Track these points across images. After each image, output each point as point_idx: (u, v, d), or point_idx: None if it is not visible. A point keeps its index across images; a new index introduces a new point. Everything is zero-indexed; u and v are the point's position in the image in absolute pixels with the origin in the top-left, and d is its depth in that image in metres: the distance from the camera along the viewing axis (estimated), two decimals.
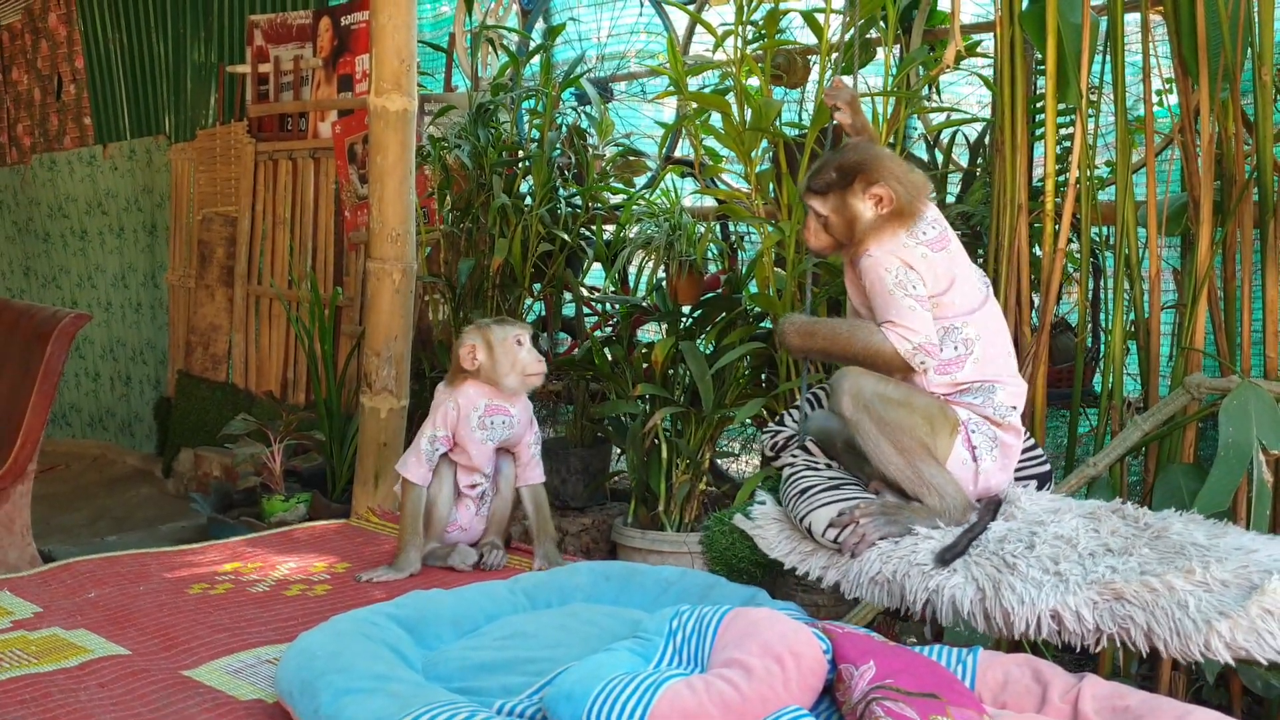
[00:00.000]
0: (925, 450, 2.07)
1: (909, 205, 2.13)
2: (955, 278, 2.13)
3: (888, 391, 2.08)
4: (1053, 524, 1.99)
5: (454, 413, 2.68)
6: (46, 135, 7.20)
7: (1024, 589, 1.82)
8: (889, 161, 2.18)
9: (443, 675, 1.86)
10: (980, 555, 1.94)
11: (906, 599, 1.95)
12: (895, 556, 1.99)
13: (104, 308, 6.84)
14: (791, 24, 3.53)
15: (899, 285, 2.10)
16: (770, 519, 2.27)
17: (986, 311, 2.16)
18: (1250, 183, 2.50)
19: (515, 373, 2.68)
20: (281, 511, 3.93)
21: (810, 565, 2.13)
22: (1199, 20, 2.50)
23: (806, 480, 2.22)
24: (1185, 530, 1.92)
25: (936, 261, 2.12)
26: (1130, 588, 1.73)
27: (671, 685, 1.51)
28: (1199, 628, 1.65)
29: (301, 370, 5.18)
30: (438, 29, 5.11)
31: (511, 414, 2.72)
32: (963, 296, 2.13)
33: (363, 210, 4.66)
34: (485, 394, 2.69)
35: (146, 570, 2.62)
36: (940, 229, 2.16)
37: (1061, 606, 1.77)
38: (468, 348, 2.68)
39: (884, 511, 2.06)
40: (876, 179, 2.13)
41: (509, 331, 2.69)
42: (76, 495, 5.70)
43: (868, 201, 2.14)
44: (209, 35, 5.98)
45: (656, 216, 3.59)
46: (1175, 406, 2.44)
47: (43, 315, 3.53)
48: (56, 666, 1.97)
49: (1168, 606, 1.69)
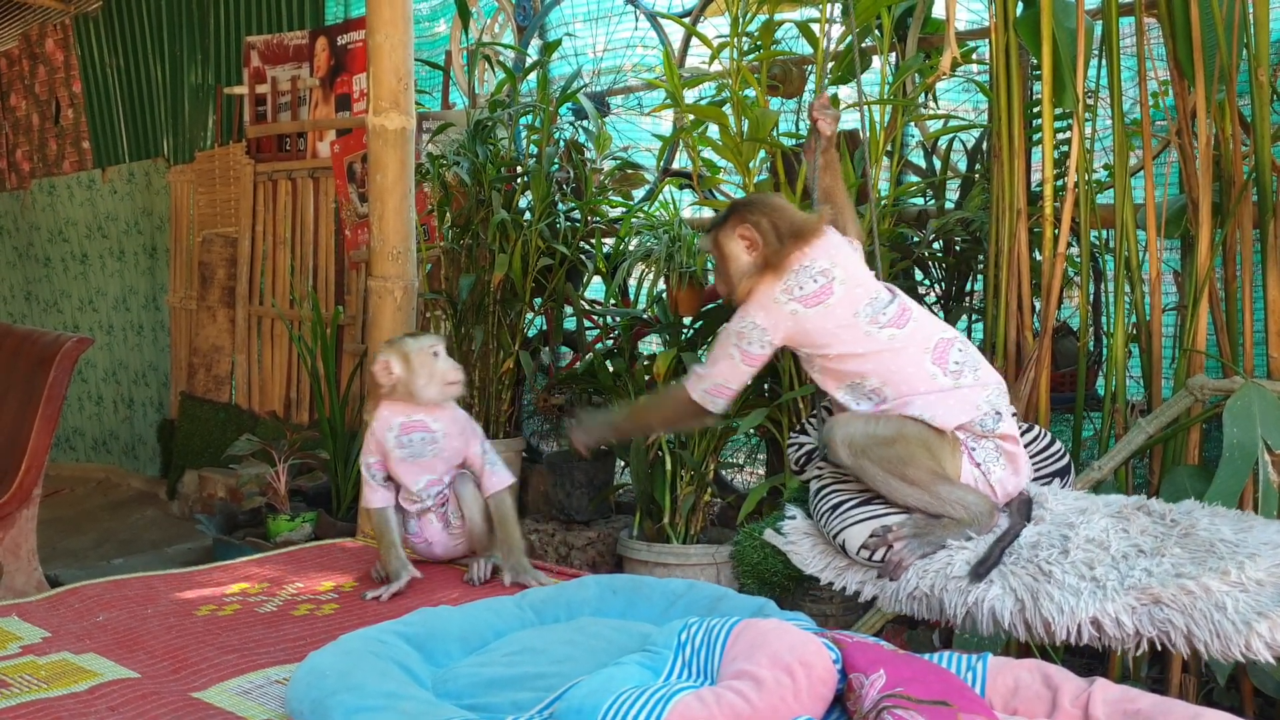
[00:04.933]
0: (935, 475, 2.07)
1: (776, 255, 2.16)
2: (832, 331, 2.14)
3: (879, 431, 2.09)
4: (1083, 526, 2.00)
5: (372, 436, 2.71)
6: (45, 160, 7.22)
7: (1062, 597, 1.83)
8: (773, 209, 2.21)
9: (452, 692, 1.86)
10: (1015, 564, 1.95)
11: (946, 613, 1.97)
12: (931, 571, 2.01)
13: (106, 331, 6.84)
14: (787, 34, 3.54)
15: (738, 334, 2.19)
16: (801, 534, 2.27)
17: (881, 351, 2.13)
18: (1249, 183, 2.50)
19: (435, 383, 2.68)
20: (287, 531, 3.93)
21: (846, 580, 2.14)
22: (1194, 22, 2.51)
23: (837, 495, 2.21)
24: (1212, 525, 1.93)
25: (808, 318, 2.14)
26: (1168, 591, 1.75)
27: (682, 698, 1.51)
28: (1239, 629, 1.67)
29: (305, 389, 5.19)
30: (434, 47, 5.13)
31: (433, 429, 2.71)
32: (842, 346, 2.14)
33: (363, 229, 4.67)
34: (400, 411, 2.70)
35: (154, 593, 2.62)
36: (823, 282, 2.15)
37: (1101, 614, 1.78)
38: (382, 364, 2.68)
39: (917, 532, 2.06)
40: (746, 219, 2.18)
41: (424, 343, 2.70)
42: (82, 519, 5.69)
43: (739, 243, 2.20)
44: (206, 57, 6.00)
45: (656, 229, 3.60)
46: (1179, 408, 2.44)
47: (45, 340, 3.54)
48: (66, 691, 1.96)
49: (1206, 609, 1.71)
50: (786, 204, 2.27)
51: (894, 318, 2.16)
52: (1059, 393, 3.01)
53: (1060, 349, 3.07)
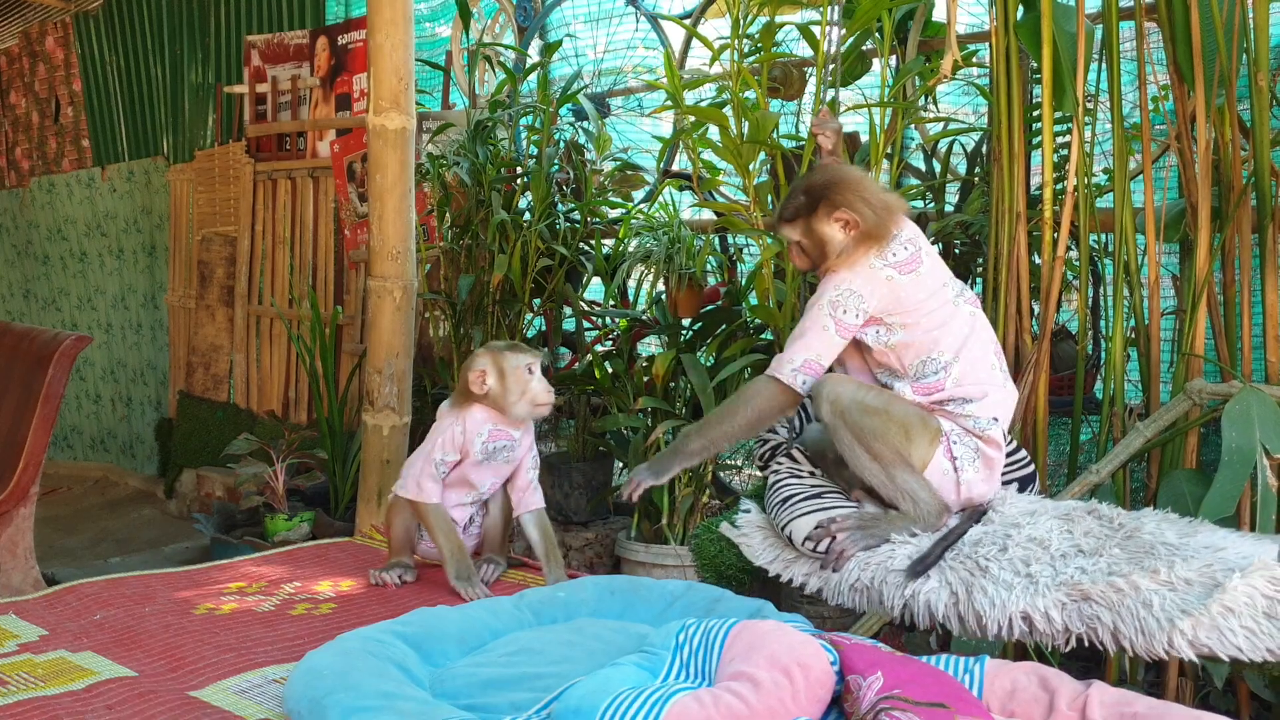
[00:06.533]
0: (900, 457, 2.09)
1: (877, 227, 2.14)
2: (922, 300, 2.14)
3: (866, 399, 2.10)
4: (1028, 526, 2.02)
5: (461, 436, 2.67)
6: (45, 158, 7.22)
7: (995, 591, 1.86)
8: (857, 183, 2.19)
9: (450, 692, 1.86)
10: (955, 560, 1.97)
11: (885, 604, 1.99)
12: (873, 564, 2.03)
13: (104, 329, 6.84)
14: (788, 36, 3.55)
15: (832, 304, 2.14)
16: (755, 527, 2.30)
17: (963, 325, 2.15)
18: (1248, 188, 2.50)
19: (525, 401, 2.66)
20: (285, 531, 3.93)
21: (793, 572, 2.16)
22: (1194, 27, 2.51)
23: (789, 488, 2.24)
24: (1157, 529, 1.95)
25: (902, 285, 2.13)
26: (1097, 588, 1.77)
27: (679, 699, 1.51)
28: (1162, 626, 1.68)
29: (303, 389, 5.19)
30: (435, 47, 5.13)
31: (514, 439, 2.71)
32: (928, 317, 2.13)
33: (362, 228, 4.67)
34: (491, 419, 2.68)
35: (152, 592, 2.62)
36: (913, 250, 2.16)
37: (1031, 608, 1.80)
38: (478, 373, 2.66)
39: (861, 525, 2.09)
40: (840, 203, 2.16)
41: (521, 359, 2.66)
42: (79, 518, 5.69)
43: (834, 225, 2.17)
44: (206, 56, 6.01)
45: (655, 230, 3.60)
46: (1177, 412, 2.44)
47: (43, 338, 3.54)
48: (63, 689, 1.96)
49: (1133, 606, 1.73)
50: (863, 174, 2.26)
51: (971, 298, 2.21)
52: (1057, 396, 3.01)
53: (1059, 352, 3.08)
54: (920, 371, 2.14)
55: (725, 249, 3.89)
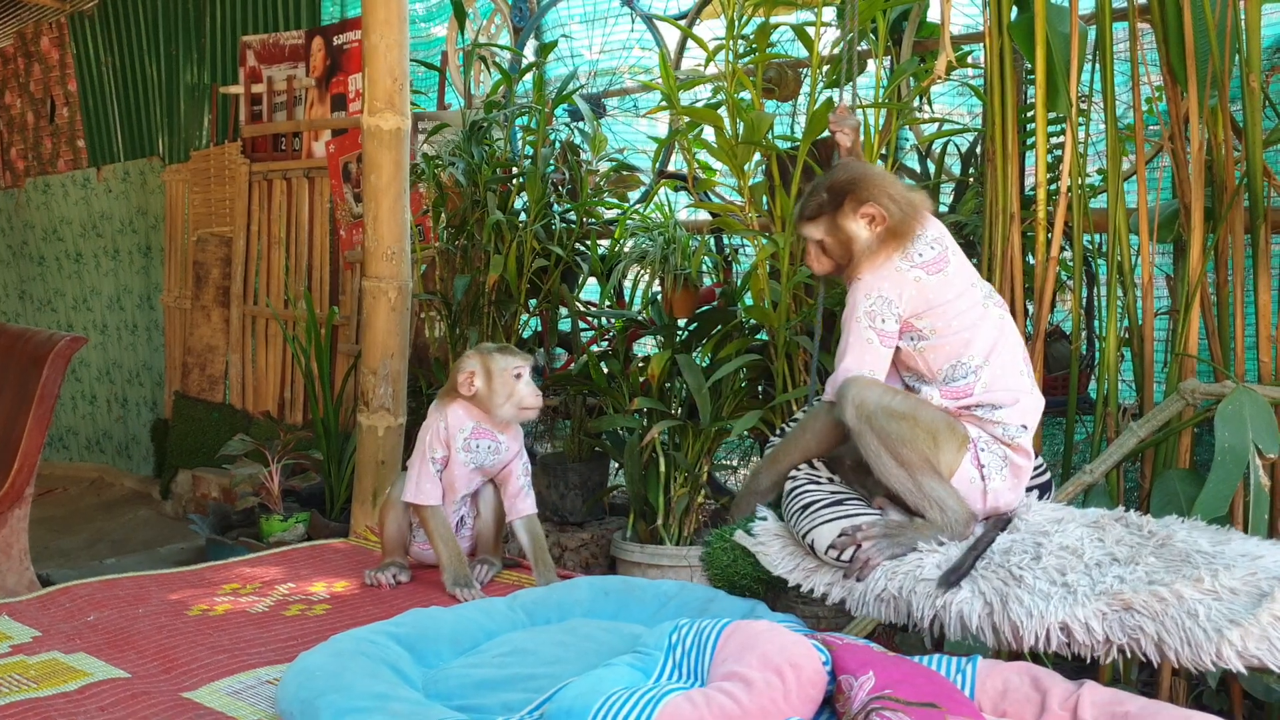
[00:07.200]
0: (927, 464, 2.03)
1: (903, 224, 2.10)
2: (950, 301, 2.09)
3: (893, 404, 2.05)
4: (1057, 534, 1.97)
5: (444, 431, 2.69)
6: (40, 158, 7.21)
7: (1032, 601, 1.79)
8: (881, 179, 2.14)
9: (443, 693, 1.86)
10: (986, 569, 1.91)
11: (914, 615, 1.93)
12: (900, 573, 1.96)
13: (100, 330, 6.84)
14: (783, 37, 3.55)
15: (868, 315, 2.10)
16: (772, 535, 2.22)
17: (993, 329, 2.11)
18: (1240, 188, 2.51)
19: (511, 404, 2.67)
20: (280, 531, 3.92)
21: (815, 582, 2.09)
22: (1187, 28, 2.52)
23: (809, 495, 2.17)
24: (1189, 537, 1.90)
25: (930, 286, 2.08)
26: (1139, 598, 1.71)
27: (672, 699, 1.51)
28: (1210, 637, 1.63)
29: (298, 390, 5.19)
30: (430, 48, 5.13)
31: (499, 440, 2.72)
32: (958, 318, 2.09)
33: (358, 229, 4.67)
34: (474, 416, 2.70)
35: (146, 593, 2.62)
36: (940, 249, 2.11)
37: (1070, 618, 1.74)
38: (466, 374, 2.67)
39: (887, 533, 2.03)
40: (866, 198, 2.10)
41: (510, 363, 2.67)
42: (74, 518, 5.69)
43: (860, 221, 2.12)
44: (201, 56, 6.00)
45: (651, 231, 3.60)
46: (1170, 412, 2.45)
47: (38, 339, 3.53)
48: (56, 691, 1.96)
49: (1177, 616, 1.67)
50: (886, 171, 2.22)
51: (999, 301, 2.16)
52: (1051, 396, 3.01)
53: (1053, 353, 3.08)
54: (950, 375, 2.09)
55: (720, 249, 3.89)
